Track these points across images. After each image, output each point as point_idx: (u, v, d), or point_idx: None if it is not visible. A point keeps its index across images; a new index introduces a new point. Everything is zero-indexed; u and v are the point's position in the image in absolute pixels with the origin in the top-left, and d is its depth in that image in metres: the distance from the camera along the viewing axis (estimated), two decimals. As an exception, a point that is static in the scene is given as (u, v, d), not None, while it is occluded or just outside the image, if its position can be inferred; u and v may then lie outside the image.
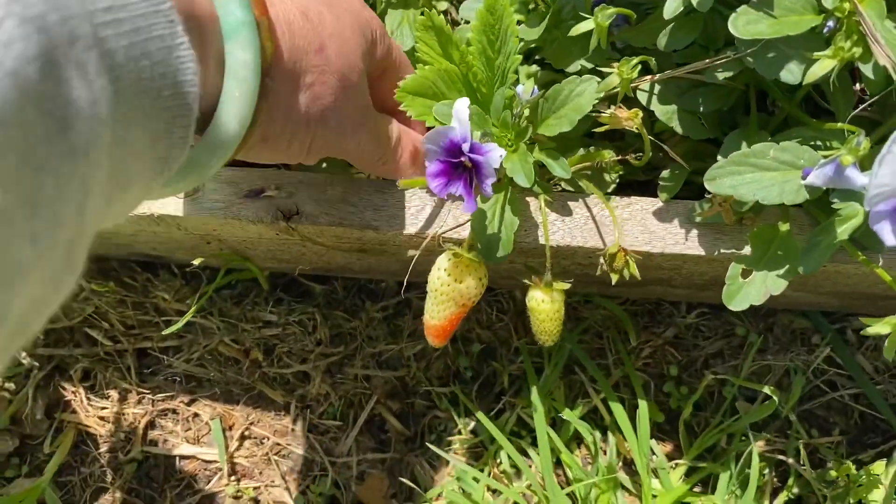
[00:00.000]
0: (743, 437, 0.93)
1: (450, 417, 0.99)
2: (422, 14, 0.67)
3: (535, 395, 0.93)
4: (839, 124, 0.61)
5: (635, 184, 0.82)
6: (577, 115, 0.66)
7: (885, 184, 0.46)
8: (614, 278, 0.66)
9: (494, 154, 0.60)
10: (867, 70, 0.58)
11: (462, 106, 0.61)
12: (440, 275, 0.71)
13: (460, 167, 0.62)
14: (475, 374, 1.00)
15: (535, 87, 0.66)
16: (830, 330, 0.97)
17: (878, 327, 0.62)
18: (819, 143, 0.62)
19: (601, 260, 0.67)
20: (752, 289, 0.66)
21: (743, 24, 0.57)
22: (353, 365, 0.99)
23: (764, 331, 0.98)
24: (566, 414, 0.91)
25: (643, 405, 0.92)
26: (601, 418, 0.96)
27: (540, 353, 0.98)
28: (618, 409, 0.93)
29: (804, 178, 0.59)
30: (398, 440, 0.99)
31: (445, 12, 0.84)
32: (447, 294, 0.72)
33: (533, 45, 0.77)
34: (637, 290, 0.91)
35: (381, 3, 0.77)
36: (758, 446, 0.93)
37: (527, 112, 0.68)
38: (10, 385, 1.00)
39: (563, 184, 0.77)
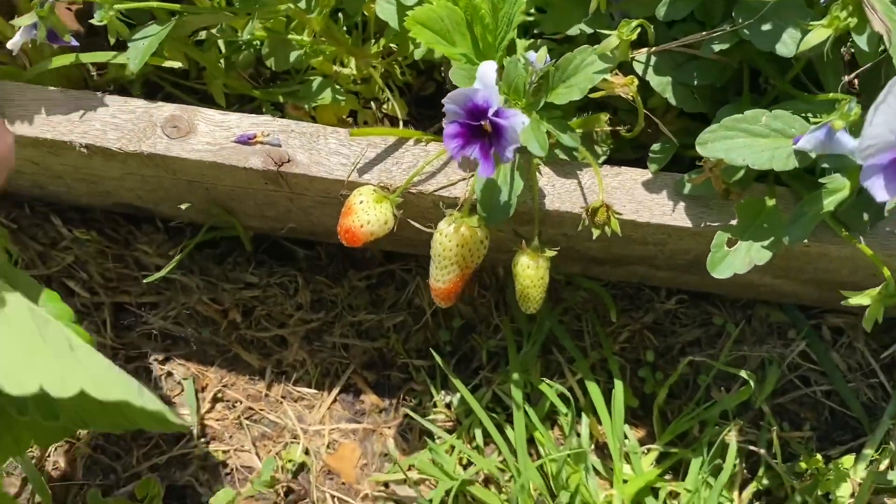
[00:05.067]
0: (716, 426, 0.94)
1: (426, 391, 0.98)
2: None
3: (513, 368, 0.93)
4: (830, 94, 0.62)
5: (624, 162, 0.83)
6: (588, 84, 0.67)
7: (878, 134, 0.47)
8: (595, 233, 0.67)
9: (518, 119, 0.60)
10: (861, 42, 0.59)
11: (488, 69, 0.62)
12: (442, 240, 0.71)
13: (478, 131, 0.63)
14: (454, 349, 0.99)
15: (548, 56, 0.67)
16: (806, 325, 0.98)
17: (858, 298, 0.63)
18: (810, 114, 0.63)
19: (583, 215, 0.67)
20: (736, 258, 0.67)
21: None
22: (331, 333, 0.99)
23: (741, 322, 0.99)
24: (543, 387, 0.91)
25: (619, 386, 0.92)
26: (576, 400, 0.96)
27: (519, 332, 0.98)
28: (594, 390, 0.93)
29: (795, 144, 0.60)
30: (372, 411, 0.99)
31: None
32: (450, 258, 0.72)
33: (532, 19, 0.78)
34: (619, 270, 0.92)
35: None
36: (730, 436, 0.93)
37: (537, 81, 0.68)
38: (-19, 334, 0.99)
39: (557, 152, 0.77)
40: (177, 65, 0.77)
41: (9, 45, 0.69)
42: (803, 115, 0.64)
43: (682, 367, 0.96)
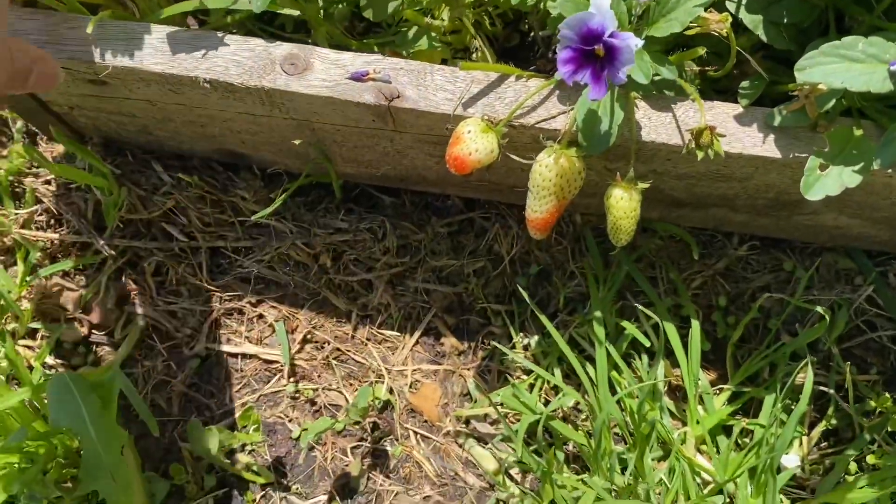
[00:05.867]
0: (786, 366, 0.98)
1: (504, 334, 1.03)
2: None
3: (595, 306, 0.97)
4: None
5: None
6: (688, 17, 0.71)
7: None
8: (699, 155, 0.71)
9: (633, 41, 0.65)
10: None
11: None
12: (542, 170, 0.76)
13: (591, 56, 0.67)
14: (531, 295, 1.04)
15: None
16: (874, 271, 1.02)
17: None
18: (902, 43, 0.67)
19: (688, 138, 0.71)
20: (829, 180, 0.71)
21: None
22: (414, 278, 1.03)
23: (810, 268, 1.02)
24: (624, 323, 0.95)
25: (696, 326, 0.96)
26: (650, 346, 0.99)
27: (595, 279, 1.02)
28: (671, 331, 0.97)
29: (892, 67, 0.65)
30: (452, 353, 1.03)
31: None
32: (549, 189, 0.76)
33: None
34: (698, 213, 0.96)
35: None
36: (799, 378, 0.97)
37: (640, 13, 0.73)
38: (81, 279, 1.04)
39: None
40: (295, 13, 0.82)
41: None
42: None
43: (753, 312, 1.00)
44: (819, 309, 0.92)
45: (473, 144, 0.74)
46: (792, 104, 0.73)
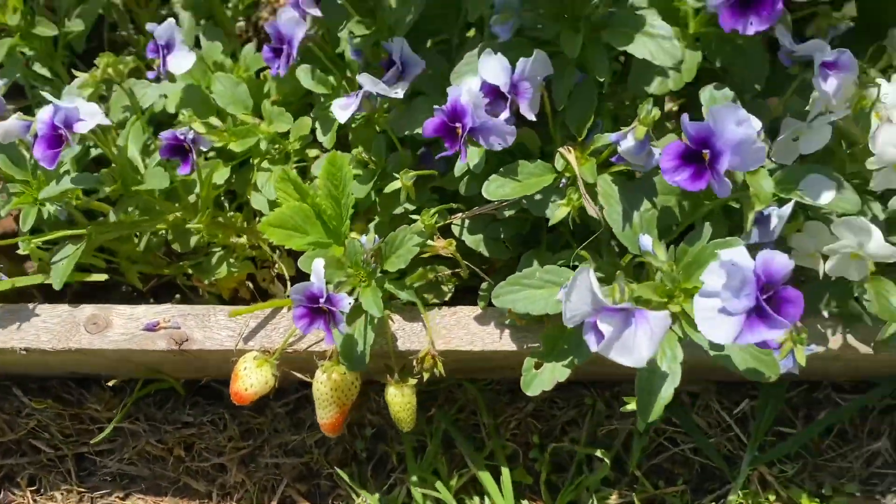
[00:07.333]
0: (597, 491, 1.10)
1: (349, 495, 1.15)
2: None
3: (411, 472, 1.09)
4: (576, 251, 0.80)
5: (471, 289, 1.00)
6: (410, 254, 0.85)
7: (576, 308, 0.65)
8: (426, 376, 0.84)
9: (344, 303, 0.78)
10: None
11: (318, 266, 0.80)
12: (318, 386, 0.89)
13: (320, 310, 0.80)
14: (370, 455, 1.16)
15: (377, 236, 0.85)
16: (664, 394, 1.14)
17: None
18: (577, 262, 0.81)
19: (415, 363, 0.85)
20: (543, 377, 0.84)
21: (493, 188, 0.76)
22: (263, 455, 1.15)
23: (610, 398, 1.15)
24: (440, 488, 1.07)
25: (506, 473, 1.09)
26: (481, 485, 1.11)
27: (423, 433, 1.14)
28: (486, 478, 1.09)
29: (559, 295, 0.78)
30: (308, 518, 1.15)
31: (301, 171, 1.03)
32: (328, 400, 0.89)
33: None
34: (491, 374, 1.08)
35: (255, 166, 0.96)
36: (612, 500, 1.09)
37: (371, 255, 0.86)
38: (-33, 494, 1.15)
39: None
40: (101, 278, 0.95)
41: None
42: (575, 263, 0.81)
43: (559, 447, 1.12)
44: (599, 452, 1.05)
45: (249, 380, 0.87)
46: (508, 314, 0.86)
